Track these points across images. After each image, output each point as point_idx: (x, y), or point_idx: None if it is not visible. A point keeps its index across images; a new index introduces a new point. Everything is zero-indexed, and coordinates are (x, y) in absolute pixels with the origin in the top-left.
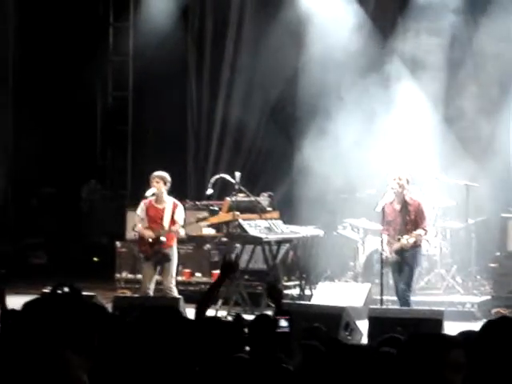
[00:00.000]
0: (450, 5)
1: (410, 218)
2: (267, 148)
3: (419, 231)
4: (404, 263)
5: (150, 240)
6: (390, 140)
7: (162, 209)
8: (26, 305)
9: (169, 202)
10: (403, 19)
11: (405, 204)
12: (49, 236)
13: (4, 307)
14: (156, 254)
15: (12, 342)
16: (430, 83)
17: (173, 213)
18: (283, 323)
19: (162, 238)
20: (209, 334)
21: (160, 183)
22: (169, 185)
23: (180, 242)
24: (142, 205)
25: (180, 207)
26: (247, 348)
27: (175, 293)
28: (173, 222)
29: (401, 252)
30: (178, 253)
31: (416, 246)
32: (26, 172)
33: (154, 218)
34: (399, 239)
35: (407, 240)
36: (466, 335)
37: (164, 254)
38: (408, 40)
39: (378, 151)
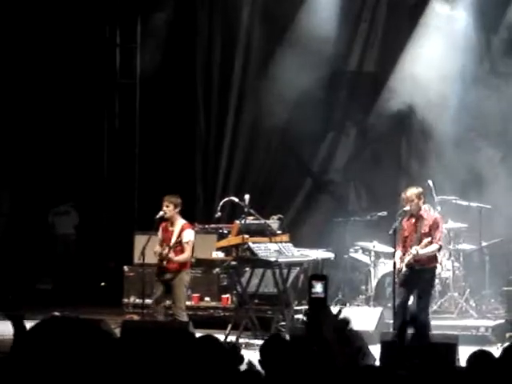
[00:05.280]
0: None
1: (424, 231)
2: (277, 170)
3: (431, 244)
4: (419, 286)
5: (158, 258)
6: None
7: (172, 231)
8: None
9: (178, 224)
10: None
11: (420, 218)
12: (55, 260)
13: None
14: (161, 274)
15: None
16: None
17: (179, 236)
18: (318, 288)
19: (164, 262)
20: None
21: (170, 206)
22: (179, 208)
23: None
24: (160, 226)
25: (187, 231)
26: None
27: (184, 317)
28: (181, 246)
29: (416, 271)
30: None
31: (431, 266)
32: (32, 196)
33: (165, 240)
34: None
35: (416, 250)
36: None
37: (168, 278)
38: None
39: (390, 172)
